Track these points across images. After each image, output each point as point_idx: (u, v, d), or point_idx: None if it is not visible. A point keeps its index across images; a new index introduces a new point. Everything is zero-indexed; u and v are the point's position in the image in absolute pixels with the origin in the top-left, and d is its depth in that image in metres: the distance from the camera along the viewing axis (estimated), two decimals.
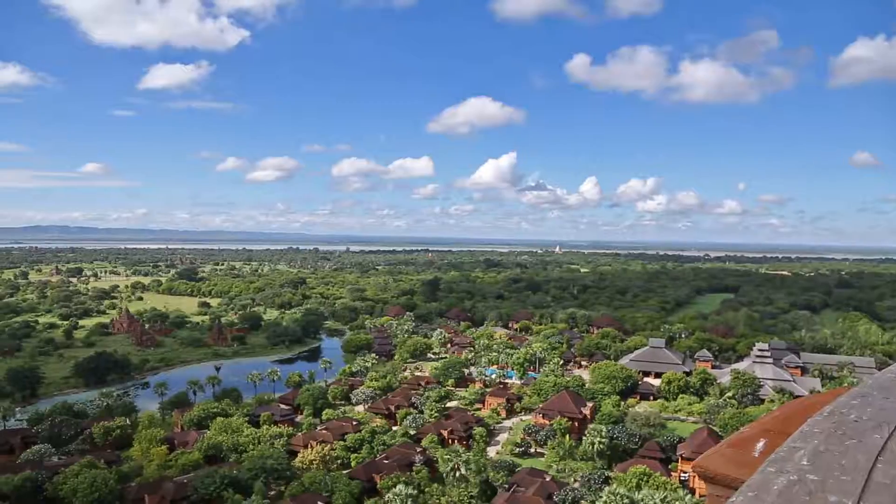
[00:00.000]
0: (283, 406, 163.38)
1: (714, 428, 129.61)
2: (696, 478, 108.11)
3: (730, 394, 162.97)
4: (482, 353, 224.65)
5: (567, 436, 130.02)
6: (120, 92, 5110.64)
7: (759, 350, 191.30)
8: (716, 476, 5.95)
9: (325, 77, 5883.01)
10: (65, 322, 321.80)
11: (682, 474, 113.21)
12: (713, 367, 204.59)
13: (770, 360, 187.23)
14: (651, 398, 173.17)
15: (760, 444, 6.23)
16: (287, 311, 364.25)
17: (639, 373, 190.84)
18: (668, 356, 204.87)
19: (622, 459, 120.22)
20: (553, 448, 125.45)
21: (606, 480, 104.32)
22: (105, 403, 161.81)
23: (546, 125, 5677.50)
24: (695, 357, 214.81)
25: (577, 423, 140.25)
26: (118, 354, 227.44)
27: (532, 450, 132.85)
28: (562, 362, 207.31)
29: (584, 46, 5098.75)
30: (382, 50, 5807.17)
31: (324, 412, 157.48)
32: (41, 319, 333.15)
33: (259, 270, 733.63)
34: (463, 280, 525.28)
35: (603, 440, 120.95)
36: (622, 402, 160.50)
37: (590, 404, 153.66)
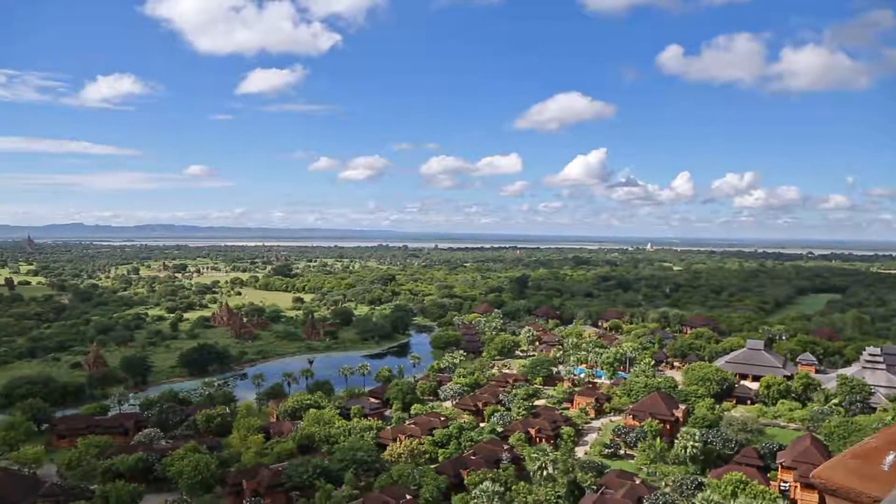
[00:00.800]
0: (372, 400, 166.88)
1: (818, 436, 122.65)
2: (799, 488, 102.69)
3: (836, 401, 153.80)
4: (571, 351, 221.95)
5: (658, 438, 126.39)
6: (220, 97, 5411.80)
7: (870, 355, 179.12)
8: (839, 489, 5.53)
9: (413, 77, 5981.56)
10: (171, 315, 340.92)
11: (783, 484, 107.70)
12: (817, 371, 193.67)
13: (883, 366, 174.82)
14: (748, 402, 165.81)
15: (890, 457, 5.74)
16: (377, 307, 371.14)
17: (735, 375, 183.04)
18: (767, 359, 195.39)
19: (716, 465, 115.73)
20: (643, 450, 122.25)
21: (699, 486, 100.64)
22: (207, 392, 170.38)
23: (637, 119, 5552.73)
24: (797, 360, 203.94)
25: (668, 426, 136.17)
26: (219, 346, 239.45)
27: (621, 451, 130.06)
28: (653, 363, 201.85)
29: (676, 37, 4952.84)
30: (470, 48, 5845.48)
31: (412, 407, 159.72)
32: (150, 312, 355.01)
33: (350, 267, 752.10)
34: (551, 278, 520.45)
35: (696, 444, 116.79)
36: (717, 406, 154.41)
37: (682, 406, 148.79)
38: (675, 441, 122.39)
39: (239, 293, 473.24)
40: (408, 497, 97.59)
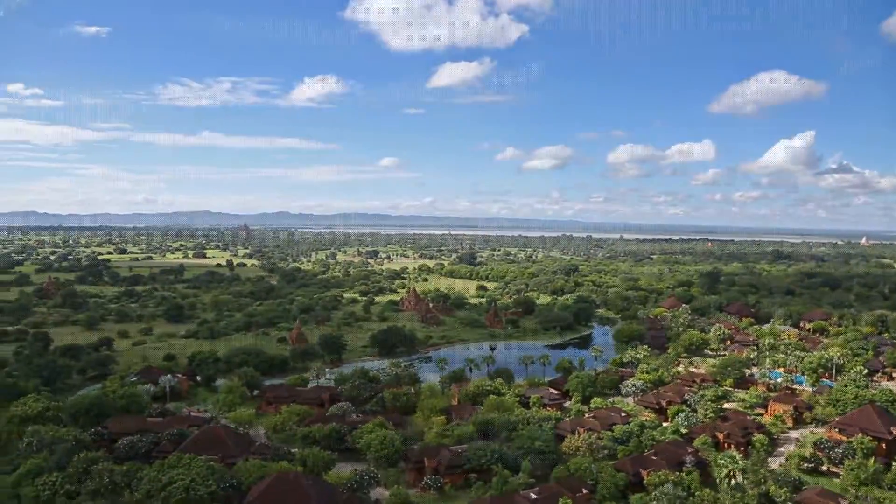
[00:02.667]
0: (552, 390, 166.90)
1: None
2: None
3: None
4: (766, 353, 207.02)
5: (872, 458, 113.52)
6: (412, 92, 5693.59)
7: None
8: None
9: (600, 64, 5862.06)
10: (363, 298, 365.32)
11: None
12: None
13: None
14: None
15: None
16: (559, 298, 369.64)
17: None
18: None
19: None
20: (851, 469, 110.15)
21: None
22: (394, 372, 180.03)
23: (853, 97, 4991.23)
24: None
25: (884, 445, 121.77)
26: (406, 329, 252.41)
27: (824, 468, 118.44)
28: (865, 372, 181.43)
29: None
30: (660, 30, 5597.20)
31: (592, 400, 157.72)
32: (345, 295, 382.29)
33: (533, 256, 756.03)
34: (746, 272, 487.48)
35: None
36: None
37: None
38: (893, 463, 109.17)
39: (426, 279, 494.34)
40: (584, 491, 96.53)
